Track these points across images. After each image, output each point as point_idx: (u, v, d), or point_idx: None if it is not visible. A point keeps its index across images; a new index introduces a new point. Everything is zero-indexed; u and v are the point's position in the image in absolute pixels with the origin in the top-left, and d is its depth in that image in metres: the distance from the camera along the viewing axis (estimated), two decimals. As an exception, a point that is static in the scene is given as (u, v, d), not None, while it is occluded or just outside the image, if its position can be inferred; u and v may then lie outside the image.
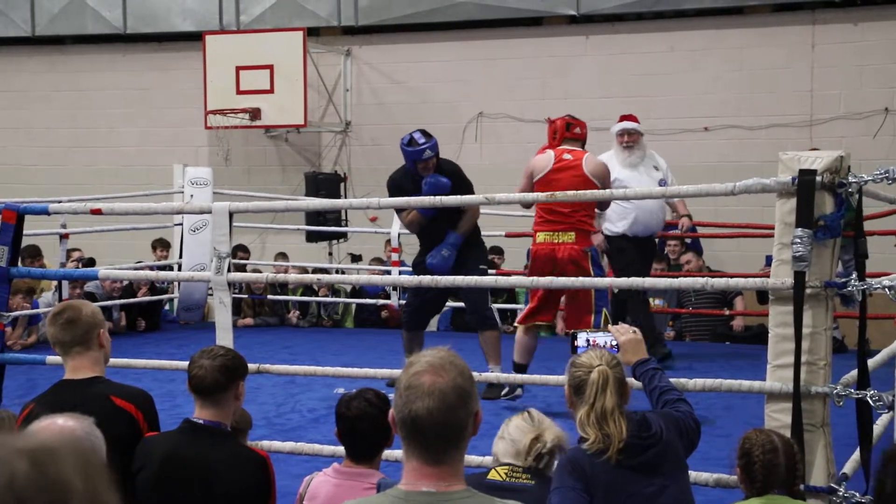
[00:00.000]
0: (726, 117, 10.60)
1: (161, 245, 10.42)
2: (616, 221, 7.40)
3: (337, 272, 10.76)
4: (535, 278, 5.21)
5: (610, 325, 3.60)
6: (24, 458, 1.03)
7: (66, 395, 3.26)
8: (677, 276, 6.33)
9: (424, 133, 6.39)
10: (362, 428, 3.10)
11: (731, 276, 5.13)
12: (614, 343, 3.45)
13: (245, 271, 9.65)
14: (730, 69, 10.63)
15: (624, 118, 7.61)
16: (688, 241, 9.92)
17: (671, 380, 3.49)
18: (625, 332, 3.44)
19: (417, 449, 1.99)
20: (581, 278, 5.28)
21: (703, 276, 5.46)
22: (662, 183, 7.29)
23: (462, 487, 2.00)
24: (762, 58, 10.54)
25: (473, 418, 2.02)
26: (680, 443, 3.07)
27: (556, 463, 2.95)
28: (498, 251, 10.02)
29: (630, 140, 7.46)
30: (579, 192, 5.55)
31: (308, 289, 10.42)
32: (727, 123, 10.62)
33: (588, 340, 3.53)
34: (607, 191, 6.00)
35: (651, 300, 9.18)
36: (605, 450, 2.88)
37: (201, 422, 3.13)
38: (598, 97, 10.90)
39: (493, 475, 2.90)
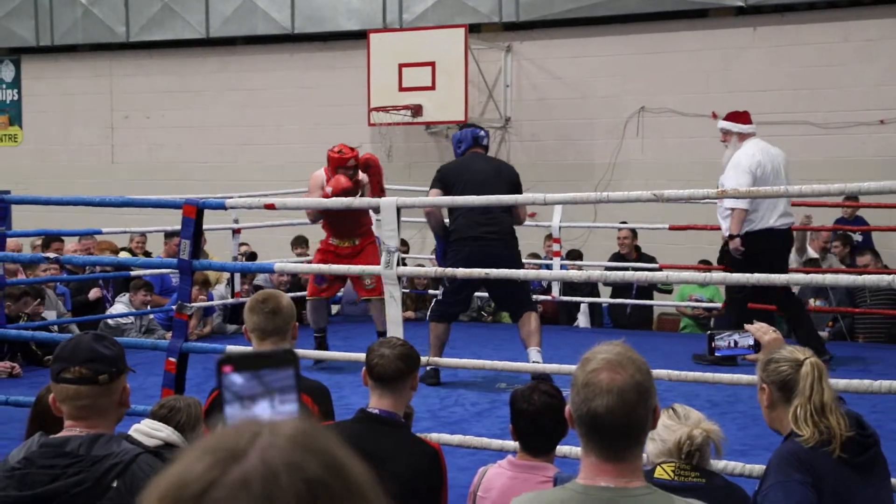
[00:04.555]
0: (904, 109, 10.12)
1: (297, 243, 10.54)
2: None
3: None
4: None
5: (747, 325, 3.39)
6: (315, 459, 0.92)
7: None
8: (860, 274, 6.04)
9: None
10: (544, 421, 3.10)
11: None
12: (751, 343, 3.32)
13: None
14: (908, 58, 10.14)
15: None
16: (858, 240, 9.49)
17: (851, 381, 3.36)
18: (766, 332, 3.26)
19: (597, 446, 1.99)
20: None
21: (888, 274, 5.19)
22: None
23: (642, 483, 2.00)
24: (944, 46, 10.01)
25: (652, 413, 2.01)
26: None
27: (710, 457, 2.87)
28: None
29: (722, 139, 7.10)
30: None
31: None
32: (905, 116, 10.14)
33: (728, 341, 3.41)
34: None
35: (812, 300, 8.80)
36: (826, 442, 2.72)
37: (377, 412, 3.19)
38: (765, 90, 10.57)
39: (659, 473, 2.82)
